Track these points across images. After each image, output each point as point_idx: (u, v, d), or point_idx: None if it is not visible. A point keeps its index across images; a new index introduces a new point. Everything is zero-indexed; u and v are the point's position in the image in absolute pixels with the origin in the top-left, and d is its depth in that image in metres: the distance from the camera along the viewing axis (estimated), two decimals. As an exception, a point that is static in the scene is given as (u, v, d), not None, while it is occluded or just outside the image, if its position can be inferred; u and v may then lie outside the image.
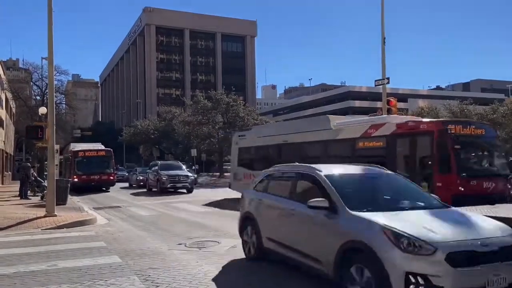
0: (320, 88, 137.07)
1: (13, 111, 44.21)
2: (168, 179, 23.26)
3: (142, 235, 10.08)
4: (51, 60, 14.00)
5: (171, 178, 23.36)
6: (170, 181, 23.27)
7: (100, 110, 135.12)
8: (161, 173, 23.91)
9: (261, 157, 17.37)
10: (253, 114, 43.71)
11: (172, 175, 23.53)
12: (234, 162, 19.49)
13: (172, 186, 23.25)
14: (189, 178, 23.99)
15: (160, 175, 23.77)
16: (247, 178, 16.82)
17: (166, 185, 23.21)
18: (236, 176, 18.87)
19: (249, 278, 6.04)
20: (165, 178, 23.32)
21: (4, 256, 7.67)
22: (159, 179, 23.75)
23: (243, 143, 18.91)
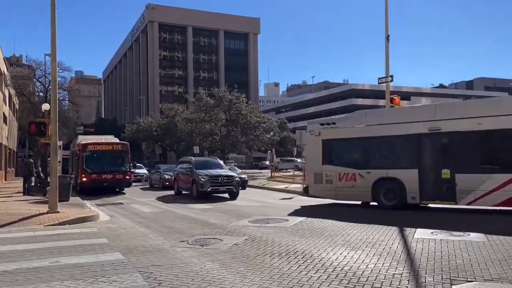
0: (323, 86, 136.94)
1: (16, 108, 44.30)
2: (208, 181, 18.19)
3: (144, 232, 10.07)
4: (54, 57, 14.00)
5: (213, 180, 18.30)
6: (212, 183, 18.22)
7: (103, 106, 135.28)
8: (198, 172, 18.75)
9: (377, 151, 14.25)
10: (255, 112, 43.61)
11: (213, 176, 18.47)
12: (314, 159, 15.26)
13: (213, 190, 18.37)
14: (234, 179, 18.82)
15: (197, 175, 18.58)
16: (346, 179, 14.19)
17: (205, 188, 18.13)
18: (319, 177, 14.92)
19: (251, 275, 6.01)
20: (204, 180, 18.20)
21: (6, 252, 7.67)
22: (195, 181, 18.59)
23: (332, 133, 14.89)
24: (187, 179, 19.48)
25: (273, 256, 7.16)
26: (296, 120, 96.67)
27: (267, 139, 42.93)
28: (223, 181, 18.37)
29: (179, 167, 21.33)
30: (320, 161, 14.96)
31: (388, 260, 6.78)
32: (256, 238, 8.82)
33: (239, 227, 10.48)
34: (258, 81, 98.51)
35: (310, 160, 15.75)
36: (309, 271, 6.22)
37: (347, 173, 14.18)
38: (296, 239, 8.70)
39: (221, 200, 17.74)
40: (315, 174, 15.13)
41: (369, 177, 13.73)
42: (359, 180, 13.93)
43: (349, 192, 14.24)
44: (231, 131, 40.96)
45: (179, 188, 20.71)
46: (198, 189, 18.27)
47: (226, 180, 18.48)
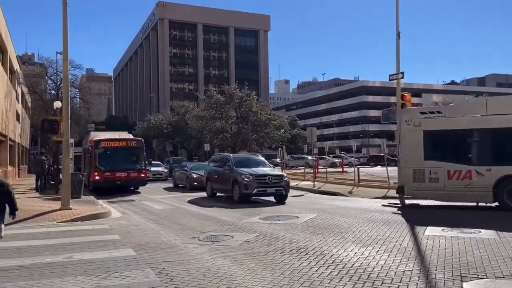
0: (333, 83, 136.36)
1: (29, 105, 44.89)
2: (254, 181, 15.19)
3: (155, 228, 10.17)
4: (66, 55, 14.16)
5: (259, 180, 15.31)
6: (258, 183, 15.21)
7: (114, 104, 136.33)
8: (239, 171, 15.84)
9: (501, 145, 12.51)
10: (266, 109, 43.64)
11: (259, 175, 15.53)
12: (412, 154, 13.12)
13: (260, 192, 15.37)
14: (283, 179, 15.90)
15: (238, 175, 15.59)
16: (458, 177, 12.23)
17: (250, 190, 15.19)
18: (420, 174, 12.79)
19: (262, 272, 6.05)
20: (248, 180, 15.19)
21: (21, 247, 7.82)
22: (237, 181, 15.54)
23: (438, 124, 12.89)
24: (225, 179, 16.55)
25: (284, 253, 7.19)
26: (307, 117, 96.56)
27: (277, 136, 42.94)
28: (271, 181, 15.40)
29: (212, 165, 18.94)
30: (421, 156, 12.82)
31: (398, 257, 6.77)
32: (267, 235, 8.86)
33: (250, 224, 10.53)
34: (269, 78, 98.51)
35: (406, 154, 13.43)
36: (319, 267, 6.24)
37: (459, 170, 12.22)
38: (307, 236, 8.71)
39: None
40: (414, 171, 12.89)
41: (490, 174, 11.94)
42: (475, 178, 12.06)
43: (461, 193, 12.28)
44: (241, 128, 41.02)
45: (213, 189, 17.90)
46: (241, 191, 15.24)
47: (275, 180, 15.57)
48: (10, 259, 6.93)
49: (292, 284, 5.48)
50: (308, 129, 24.44)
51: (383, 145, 21.02)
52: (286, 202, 15.44)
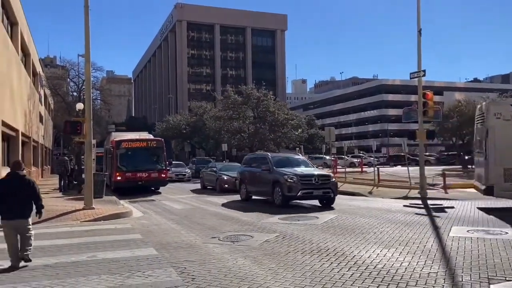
0: (351, 81, 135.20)
1: (52, 107, 45.88)
2: (298, 182, 13.58)
3: (176, 228, 10.25)
4: (88, 57, 14.41)
5: (304, 181, 13.69)
6: (303, 185, 13.58)
7: (133, 105, 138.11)
8: (281, 171, 14.29)
9: None
10: (283, 109, 43.55)
11: (305, 175, 13.91)
12: (503, 150, 11.79)
13: (305, 195, 13.73)
14: (331, 180, 14.31)
15: (280, 175, 14.05)
16: None
17: (294, 192, 13.61)
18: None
19: (283, 272, 6.02)
20: (292, 180, 13.61)
21: (46, 247, 7.98)
22: (278, 182, 13.99)
23: None
24: (264, 180, 15.01)
25: (304, 253, 7.15)
26: (324, 116, 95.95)
27: (295, 136, 42.81)
28: (318, 183, 13.71)
29: (245, 166, 17.45)
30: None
31: (422, 259, 6.65)
32: (286, 235, 8.83)
33: (269, 224, 10.51)
34: (286, 78, 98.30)
35: (496, 151, 11.94)
36: (341, 268, 6.18)
37: None
38: (327, 236, 8.65)
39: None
40: (505, 170, 11.61)
41: None
42: None
43: None
44: (259, 128, 41.03)
45: (249, 192, 16.32)
46: (283, 193, 13.67)
47: (322, 180, 13.85)
48: (35, 258, 7.06)
49: (314, 285, 5.44)
50: (326, 128, 24.31)
51: (404, 145, 20.70)
52: (304, 202, 14.64)
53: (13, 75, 19.36)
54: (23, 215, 6.67)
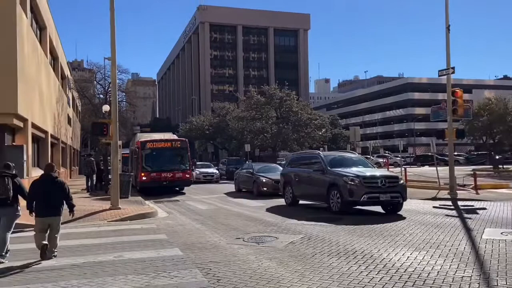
0: (376, 80, 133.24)
1: (79, 109, 46.95)
2: (362, 185, 11.60)
3: (201, 228, 10.25)
4: (114, 61, 14.61)
5: (369, 183, 11.69)
6: (368, 188, 11.59)
7: (158, 107, 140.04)
8: (339, 172, 12.36)
9: None
10: (306, 109, 43.28)
11: (369, 177, 11.91)
12: None
13: (371, 199, 11.63)
14: (399, 182, 12.17)
15: (339, 177, 12.15)
16: None
17: (357, 197, 11.60)
18: None
19: (309, 275, 5.90)
20: (353, 183, 11.68)
21: (74, 246, 8.10)
22: (336, 185, 12.07)
23: None
24: (316, 183, 13.18)
25: (331, 256, 7.01)
26: (348, 116, 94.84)
27: (318, 136, 42.48)
28: (385, 185, 11.68)
29: (288, 166, 15.83)
30: None
31: (455, 262, 6.41)
32: (312, 237, 8.69)
33: (294, 225, 10.39)
34: (309, 77, 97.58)
35: None
36: (370, 271, 6.01)
37: None
38: (354, 238, 8.46)
39: None
40: None
41: None
42: None
43: None
44: (282, 128, 40.88)
45: (296, 196, 14.52)
46: (343, 197, 11.73)
47: (390, 183, 11.82)
48: (64, 257, 7.18)
49: (342, 288, 5.30)
50: (351, 128, 23.96)
51: (433, 144, 20.17)
52: None
53: (42, 78, 19.86)
54: (55, 213, 7.23)
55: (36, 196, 7.22)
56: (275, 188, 17.61)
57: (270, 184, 18.43)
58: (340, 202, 11.99)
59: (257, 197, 18.10)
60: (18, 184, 7.26)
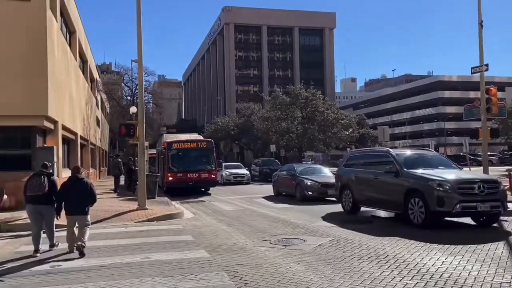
0: (404, 79, 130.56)
1: (108, 111, 47.94)
2: (453, 191, 9.36)
3: (227, 230, 10.17)
4: (140, 62, 14.74)
5: (463, 189, 9.48)
6: (462, 195, 9.35)
7: (183, 108, 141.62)
8: (421, 175, 10.21)
9: None
10: (332, 108, 42.74)
11: (463, 182, 9.64)
12: None
13: (466, 209, 9.37)
14: (499, 188, 9.88)
15: (423, 181, 9.90)
16: None
17: (449, 207, 9.32)
18: None
19: (339, 279, 5.71)
20: (443, 189, 9.46)
21: (102, 247, 8.15)
22: (417, 191, 9.89)
23: None
24: (387, 187, 10.96)
25: (361, 259, 6.78)
26: (376, 116, 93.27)
27: (345, 136, 41.87)
28: (483, 192, 9.36)
29: (345, 166, 13.39)
30: None
31: (493, 267, 6.10)
32: (341, 240, 8.47)
33: (322, 227, 10.18)
34: (335, 77, 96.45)
35: None
36: (403, 277, 5.77)
37: None
38: (385, 241, 8.19)
39: None
40: None
41: None
42: None
43: None
44: (307, 128, 40.50)
45: (357, 201, 12.32)
46: (430, 207, 9.41)
47: (489, 189, 9.49)
48: (91, 258, 7.22)
49: (375, 294, 5.09)
50: (379, 128, 23.44)
51: (466, 144, 19.47)
52: None
53: (72, 81, 20.30)
54: (82, 212, 7.81)
55: (65, 196, 7.80)
56: (321, 192, 16.24)
57: (316, 187, 16.50)
58: (424, 213, 9.55)
59: (301, 202, 16.14)
60: (53, 183, 7.85)
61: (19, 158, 14.45)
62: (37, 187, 7.56)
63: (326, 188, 16.07)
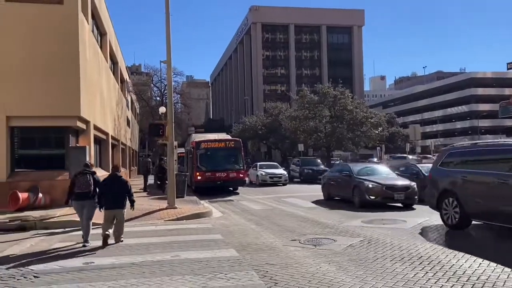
0: (436, 76, 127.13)
1: (137, 111, 48.85)
2: None
3: (255, 229, 10.13)
4: (169, 63, 14.91)
5: None
6: None
7: (211, 108, 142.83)
8: None
9: None
10: (361, 107, 42.04)
11: None
12: None
13: None
14: None
15: None
16: None
17: None
18: None
19: (372, 281, 5.56)
20: None
21: (133, 245, 8.26)
22: None
23: None
24: None
25: (394, 260, 6.59)
26: (406, 114, 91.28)
27: (375, 135, 41.11)
28: None
29: (442, 166, 10.30)
30: None
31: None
32: (372, 240, 8.28)
33: (352, 227, 9.99)
34: (363, 75, 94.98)
35: None
36: (439, 279, 5.57)
37: None
38: (418, 242, 7.95)
39: None
40: None
41: None
42: None
43: None
44: (336, 127, 40.01)
45: (468, 214, 9.02)
46: None
47: None
48: (123, 256, 7.33)
49: (409, 297, 4.92)
50: (410, 126, 22.90)
51: None
52: (389, 205, 13.90)
53: (103, 82, 20.76)
54: (119, 206, 8.55)
55: (105, 192, 8.52)
56: (385, 197, 13.78)
57: (381, 191, 13.84)
58: None
59: (360, 208, 13.66)
60: (97, 180, 8.66)
61: (53, 158, 14.87)
62: (84, 185, 8.40)
63: (393, 192, 13.67)
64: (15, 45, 13.80)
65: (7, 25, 13.76)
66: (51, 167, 14.40)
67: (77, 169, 9.65)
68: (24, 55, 13.85)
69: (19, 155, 14.42)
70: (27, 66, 13.85)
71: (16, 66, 13.77)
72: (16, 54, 13.79)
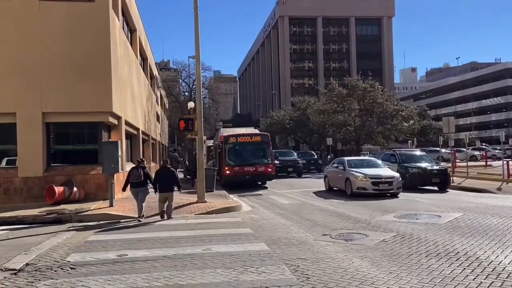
0: (469, 67, 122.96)
1: (167, 107, 49.50)
2: None
3: (285, 223, 10.09)
4: (198, 58, 15.00)
5: None
6: None
7: (238, 102, 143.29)
8: None
9: None
10: (392, 100, 41.10)
11: None
12: None
13: None
14: None
15: None
16: None
17: None
18: None
19: (407, 277, 5.42)
20: None
21: (165, 238, 8.38)
22: None
23: None
24: None
25: (429, 256, 6.42)
26: (438, 106, 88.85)
27: (406, 128, 40.17)
28: None
29: None
30: None
31: None
32: (405, 235, 8.09)
33: (384, 222, 9.79)
34: (393, 67, 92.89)
35: None
36: (477, 275, 5.38)
37: None
38: (454, 238, 7.71)
39: None
40: None
41: None
42: None
43: None
44: (365, 121, 39.32)
45: None
46: None
47: None
48: (156, 249, 7.44)
49: (447, 294, 4.77)
50: (444, 118, 22.16)
51: None
52: (418, 199, 13.94)
53: (133, 78, 21.11)
54: (170, 189, 11.19)
55: (158, 180, 11.21)
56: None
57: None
58: None
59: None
60: (146, 173, 11.18)
61: (87, 153, 15.28)
62: (136, 176, 10.98)
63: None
64: (51, 43, 14.19)
65: (42, 23, 14.16)
66: (84, 161, 14.80)
67: (110, 163, 12.33)
68: (59, 52, 14.23)
69: (55, 150, 14.88)
70: (62, 63, 14.23)
71: (52, 63, 14.17)
72: (51, 51, 14.18)
